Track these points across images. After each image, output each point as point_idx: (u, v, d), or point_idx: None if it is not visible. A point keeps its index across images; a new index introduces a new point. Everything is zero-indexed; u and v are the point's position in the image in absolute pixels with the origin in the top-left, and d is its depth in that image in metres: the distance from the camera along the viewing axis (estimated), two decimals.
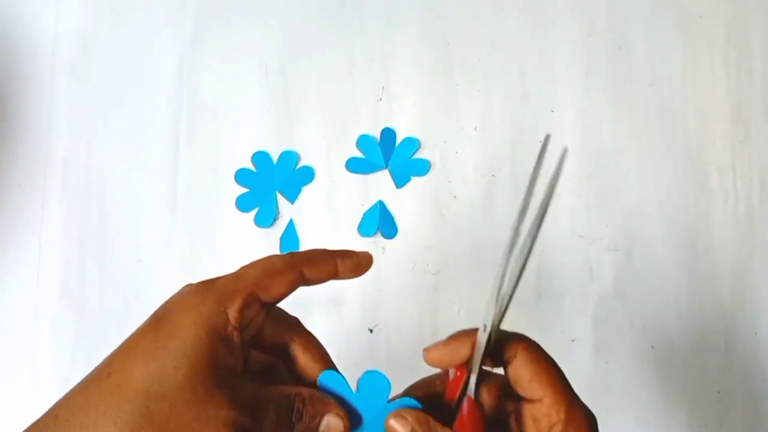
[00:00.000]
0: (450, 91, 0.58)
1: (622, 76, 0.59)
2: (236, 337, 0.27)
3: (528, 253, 0.30)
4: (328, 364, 0.33)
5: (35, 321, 0.55)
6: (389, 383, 0.32)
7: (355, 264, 0.33)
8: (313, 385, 0.32)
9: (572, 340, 0.56)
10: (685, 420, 0.55)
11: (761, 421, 0.56)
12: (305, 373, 0.32)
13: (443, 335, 0.55)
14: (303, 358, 0.32)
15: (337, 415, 0.30)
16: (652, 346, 0.56)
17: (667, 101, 0.59)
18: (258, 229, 0.57)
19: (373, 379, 0.32)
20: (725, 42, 0.60)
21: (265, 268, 0.30)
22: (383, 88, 0.58)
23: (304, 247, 0.56)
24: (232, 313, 0.27)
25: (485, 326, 0.30)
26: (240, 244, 0.56)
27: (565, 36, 0.60)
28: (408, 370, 0.54)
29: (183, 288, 0.29)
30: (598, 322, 0.56)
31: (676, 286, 0.57)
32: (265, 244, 0.56)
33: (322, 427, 0.29)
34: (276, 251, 0.56)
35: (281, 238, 0.56)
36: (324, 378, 0.32)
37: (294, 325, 0.33)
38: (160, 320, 0.27)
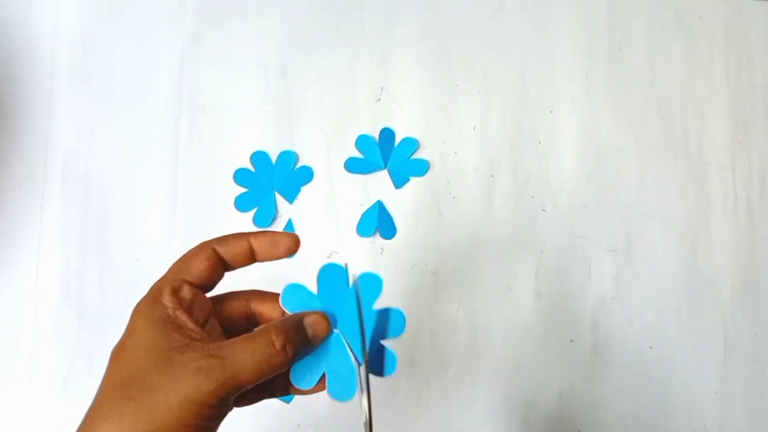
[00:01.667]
0: (449, 91, 0.58)
1: (622, 76, 0.59)
2: (182, 316, 0.30)
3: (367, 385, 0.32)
4: None
5: (35, 321, 0.55)
6: (346, 272, 0.34)
7: (270, 239, 0.34)
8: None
9: (571, 340, 0.56)
10: (684, 420, 0.55)
11: (761, 421, 0.56)
12: (272, 317, 0.34)
13: (442, 335, 0.55)
14: (264, 307, 0.34)
15: (311, 314, 0.32)
16: (650, 346, 0.56)
17: (667, 101, 0.59)
18: (257, 229, 0.57)
19: (331, 271, 0.34)
20: (725, 42, 0.60)
21: (182, 257, 0.34)
22: (382, 88, 0.58)
23: (303, 247, 0.56)
24: (165, 299, 0.31)
25: None
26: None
27: (565, 36, 0.59)
28: (408, 370, 0.55)
29: None
30: (597, 321, 0.56)
31: (675, 286, 0.57)
32: None
33: (307, 330, 0.32)
34: None
35: None
36: (285, 293, 0.33)
37: (247, 292, 0.35)
38: (124, 333, 0.31)
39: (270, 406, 0.54)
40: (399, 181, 0.57)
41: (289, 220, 0.57)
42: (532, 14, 0.60)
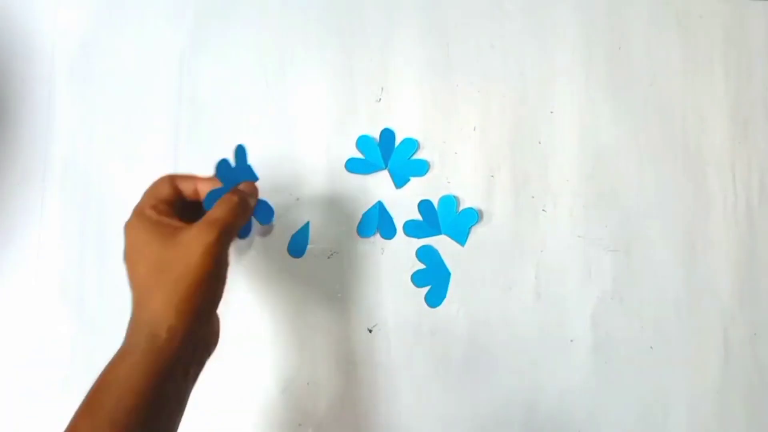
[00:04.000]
0: (449, 91, 0.58)
1: (621, 76, 0.59)
2: (165, 219, 0.44)
3: None
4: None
5: (34, 321, 0.55)
6: None
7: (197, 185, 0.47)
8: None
9: (571, 341, 0.56)
10: (684, 420, 0.55)
11: (761, 421, 0.56)
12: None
13: (442, 335, 0.55)
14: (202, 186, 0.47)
15: (242, 183, 0.48)
16: (651, 347, 0.56)
17: (667, 101, 0.59)
18: (261, 226, 0.57)
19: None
20: (725, 42, 0.60)
21: (151, 185, 0.47)
22: (382, 88, 0.58)
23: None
24: (149, 212, 0.44)
25: None
26: (238, 244, 0.56)
27: (565, 36, 0.60)
28: (407, 370, 0.55)
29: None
30: (597, 322, 0.56)
31: (675, 286, 0.57)
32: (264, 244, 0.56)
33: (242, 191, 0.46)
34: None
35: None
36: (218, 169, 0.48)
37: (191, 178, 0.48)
38: (126, 246, 0.44)
39: (271, 406, 0.54)
40: (399, 182, 0.57)
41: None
42: (531, 14, 0.60)
